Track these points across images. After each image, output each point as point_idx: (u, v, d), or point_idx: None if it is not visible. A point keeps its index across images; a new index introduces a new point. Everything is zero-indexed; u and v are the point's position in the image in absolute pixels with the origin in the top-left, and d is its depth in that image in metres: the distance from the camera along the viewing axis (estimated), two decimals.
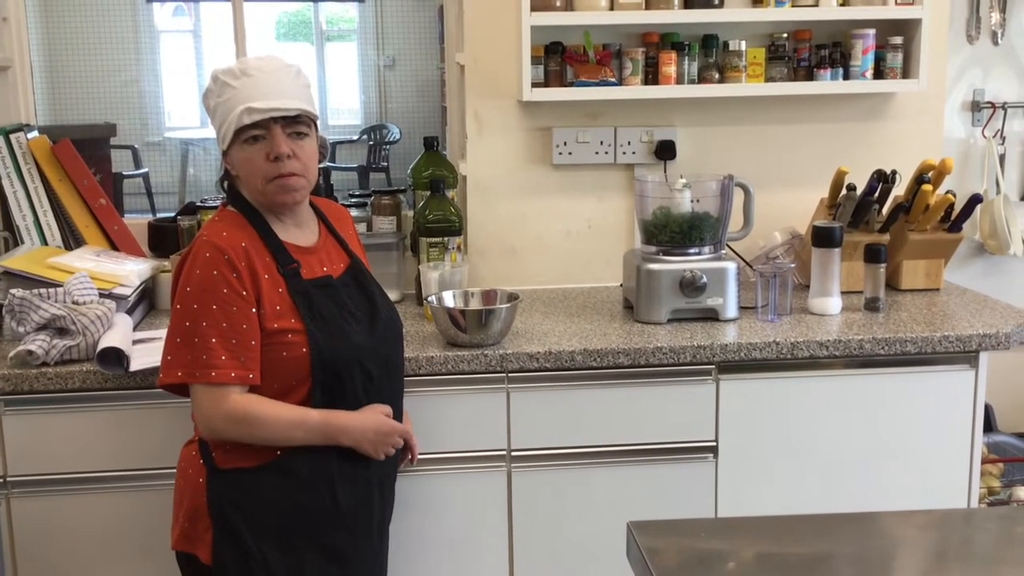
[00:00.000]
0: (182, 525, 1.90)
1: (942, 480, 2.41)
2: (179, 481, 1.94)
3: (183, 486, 1.92)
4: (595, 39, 2.70)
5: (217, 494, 1.85)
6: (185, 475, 1.91)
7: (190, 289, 1.80)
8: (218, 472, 1.86)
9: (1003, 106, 3.10)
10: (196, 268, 1.80)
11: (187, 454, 1.94)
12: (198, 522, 1.87)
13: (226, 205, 1.96)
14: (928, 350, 2.31)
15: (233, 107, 1.83)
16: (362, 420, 1.89)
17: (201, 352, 1.78)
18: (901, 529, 1.56)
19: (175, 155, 8.24)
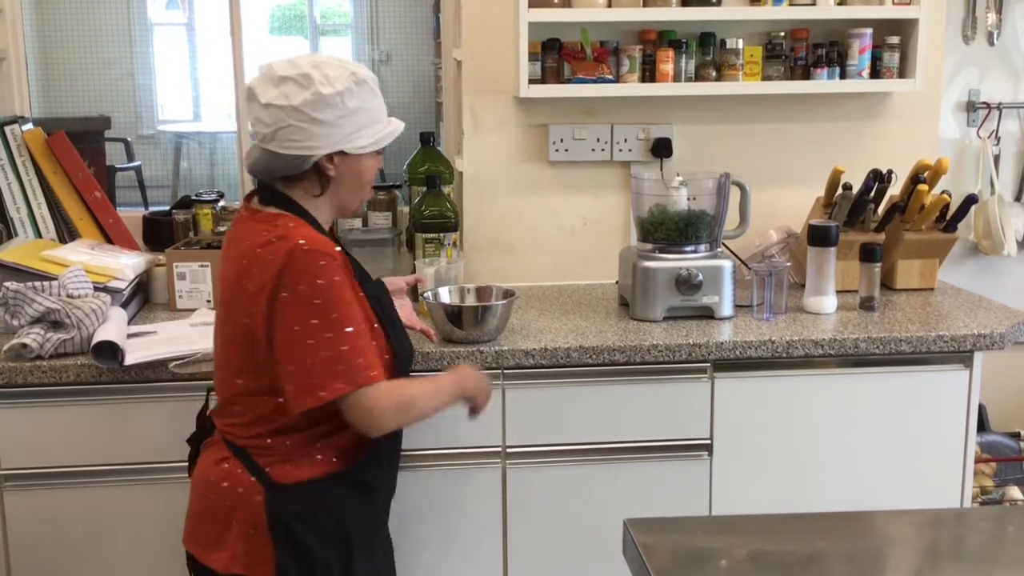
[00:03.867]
0: (233, 548, 1.81)
1: (935, 479, 2.42)
2: (221, 501, 1.82)
3: (230, 506, 1.81)
4: (592, 36, 2.70)
5: (280, 510, 1.79)
6: (232, 494, 1.81)
7: (320, 301, 1.71)
8: (279, 488, 1.80)
9: (998, 106, 3.11)
10: (318, 278, 1.71)
11: (226, 473, 1.82)
12: (256, 541, 1.80)
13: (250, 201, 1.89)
14: (923, 349, 2.32)
15: (381, 118, 1.85)
16: (470, 370, 2.00)
17: (356, 357, 1.73)
18: (894, 528, 1.56)
19: (168, 148, 8.21)
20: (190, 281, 2.53)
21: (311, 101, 1.75)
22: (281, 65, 1.78)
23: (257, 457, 1.82)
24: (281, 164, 1.80)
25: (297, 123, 1.75)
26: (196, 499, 1.90)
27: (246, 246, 1.78)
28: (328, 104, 1.76)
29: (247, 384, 1.81)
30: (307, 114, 1.75)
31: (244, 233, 1.82)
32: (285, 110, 1.75)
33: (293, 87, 1.75)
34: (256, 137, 1.82)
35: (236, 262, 1.80)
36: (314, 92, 1.75)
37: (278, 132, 1.77)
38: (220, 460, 1.84)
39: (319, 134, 1.77)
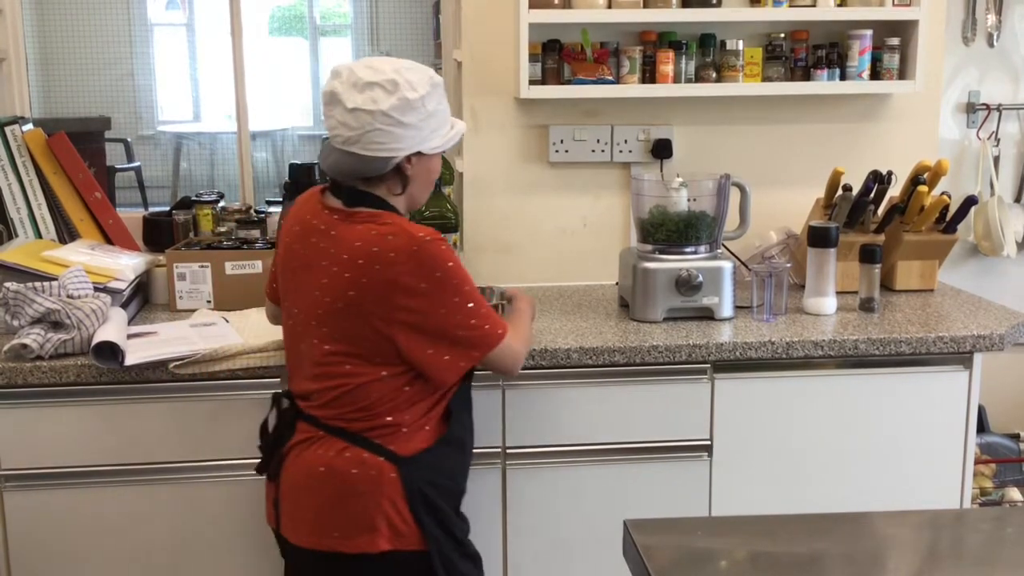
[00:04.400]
0: (382, 527, 1.87)
1: (935, 480, 2.42)
2: (357, 488, 1.86)
3: (368, 490, 1.86)
4: (593, 37, 2.70)
5: (414, 480, 1.89)
6: (366, 478, 1.86)
7: (456, 282, 1.85)
8: (407, 460, 1.89)
9: (998, 108, 3.11)
10: (447, 262, 1.84)
11: (352, 460, 1.87)
12: (399, 515, 1.88)
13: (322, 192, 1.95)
14: (922, 351, 2.32)
15: (448, 119, 1.94)
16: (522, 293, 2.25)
17: (490, 317, 1.91)
18: (893, 529, 1.56)
19: (168, 149, 8.21)
20: (190, 282, 2.53)
21: (397, 106, 1.82)
22: (362, 71, 1.83)
23: (378, 438, 1.88)
24: (364, 166, 1.86)
25: (384, 127, 1.83)
26: (319, 495, 1.89)
27: (358, 247, 1.83)
28: (412, 108, 1.84)
29: (368, 374, 1.87)
30: (394, 118, 1.82)
31: (348, 234, 1.85)
32: (373, 114, 1.82)
33: (380, 92, 1.82)
34: (337, 140, 1.86)
35: (348, 264, 1.84)
36: (400, 97, 1.82)
37: (364, 136, 1.83)
38: (340, 451, 1.88)
39: (402, 136, 1.85)
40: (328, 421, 1.90)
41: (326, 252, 1.87)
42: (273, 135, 8.28)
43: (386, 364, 1.87)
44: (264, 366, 2.18)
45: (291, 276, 1.95)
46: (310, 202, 1.97)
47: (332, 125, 1.86)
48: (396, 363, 1.87)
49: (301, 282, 1.91)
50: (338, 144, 1.86)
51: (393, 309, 1.83)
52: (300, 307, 1.92)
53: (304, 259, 1.91)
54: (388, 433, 1.89)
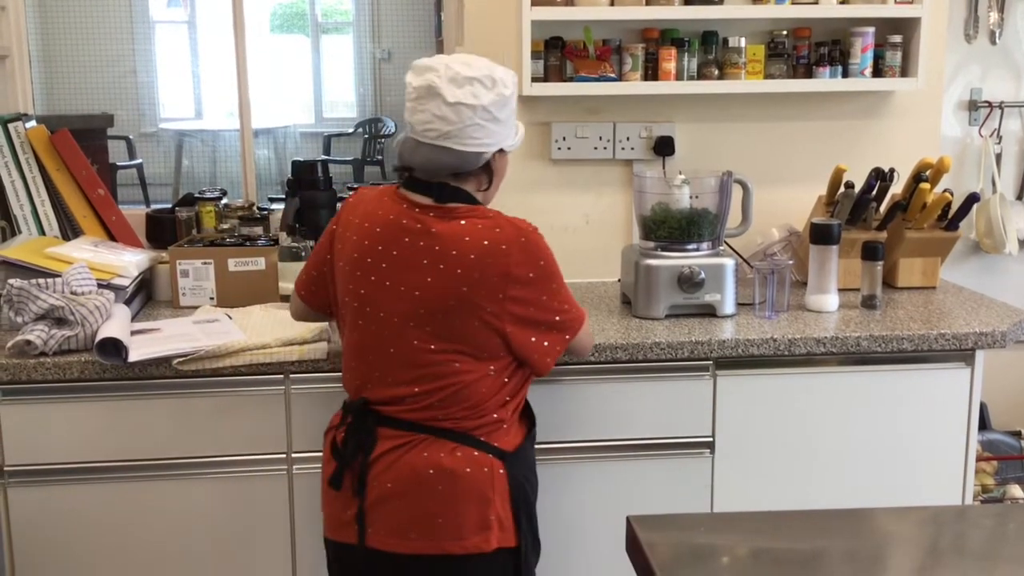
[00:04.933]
0: (494, 524, 1.88)
1: (937, 477, 2.42)
2: (471, 487, 1.86)
3: (481, 488, 1.87)
4: (595, 34, 2.71)
5: (517, 476, 1.93)
6: (479, 477, 1.87)
7: (555, 268, 1.92)
8: (511, 456, 1.92)
9: (1000, 105, 3.11)
10: (548, 249, 1.91)
11: (464, 460, 1.87)
12: (506, 511, 1.90)
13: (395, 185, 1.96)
14: (924, 348, 2.32)
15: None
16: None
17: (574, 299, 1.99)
18: (895, 525, 1.56)
19: (169, 146, 8.21)
20: (193, 278, 2.54)
21: (496, 101, 1.85)
22: (459, 66, 1.84)
23: (485, 436, 1.89)
24: (458, 161, 1.86)
25: (482, 122, 1.84)
26: (429, 498, 1.86)
27: (467, 242, 1.83)
28: (506, 104, 1.87)
29: (477, 371, 1.86)
30: (491, 113, 1.85)
31: (452, 230, 1.84)
32: (474, 109, 1.83)
33: (480, 87, 1.84)
34: (430, 135, 1.85)
35: (459, 259, 1.82)
36: (498, 93, 1.85)
37: (463, 130, 1.84)
38: (450, 451, 1.87)
39: (494, 132, 1.87)
40: (432, 423, 1.87)
41: (428, 250, 1.84)
42: (275, 132, 8.28)
43: (493, 358, 1.87)
44: (267, 363, 2.19)
45: (373, 278, 1.87)
46: (383, 201, 1.92)
47: (426, 119, 1.84)
48: (501, 356, 1.88)
49: (393, 283, 1.86)
50: (431, 139, 1.85)
51: (505, 301, 1.84)
52: (389, 309, 1.86)
53: (397, 259, 1.86)
54: (494, 430, 1.90)
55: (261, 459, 2.25)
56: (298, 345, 2.21)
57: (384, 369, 1.89)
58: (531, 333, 1.88)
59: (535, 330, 1.89)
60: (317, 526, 2.29)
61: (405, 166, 1.91)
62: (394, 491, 1.87)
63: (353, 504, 1.90)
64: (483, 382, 1.87)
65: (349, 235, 1.93)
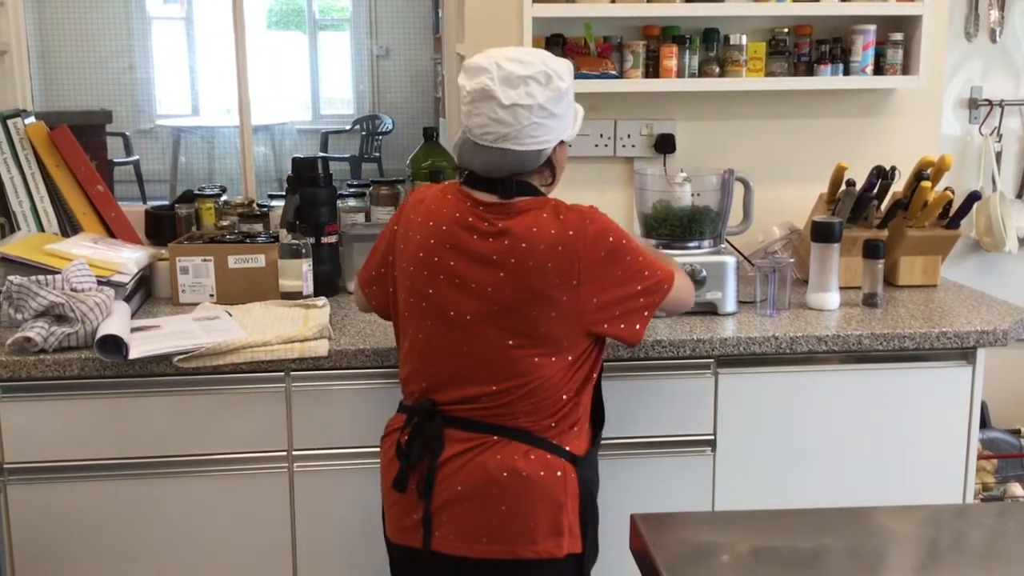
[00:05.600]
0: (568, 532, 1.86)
1: (937, 475, 2.42)
2: (546, 491, 1.83)
3: (556, 492, 1.84)
4: (596, 31, 2.70)
5: (586, 480, 1.90)
6: (553, 481, 1.83)
7: (625, 240, 1.87)
8: (581, 460, 1.89)
9: (1000, 103, 3.11)
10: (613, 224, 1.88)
11: (538, 463, 1.83)
12: (575, 515, 1.87)
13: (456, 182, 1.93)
14: (926, 346, 2.32)
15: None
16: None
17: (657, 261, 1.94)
18: (896, 524, 1.57)
19: (166, 143, 8.20)
20: (193, 275, 2.53)
21: (552, 97, 1.80)
22: (511, 64, 1.79)
23: (556, 438, 1.86)
24: (519, 161, 1.83)
25: (539, 120, 1.80)
26: (502, 502, 1.82)
27: (535, 233, 1.80)
28: (562, 98, 1.83)
29: (553, 365, 1.82)
30: (548, 110, 1.81)
31: (519, 225, 1.81)
32: (530, 109, 1.79)
33: (535, 86, 1.79)
34: (487, 138, 1.81)
35: (529, 252, 1.79)
36: (553, 88, 1.80)
37: (521, 131, 1.80)
38: (524, 454, 1.83)
39: (554, 128, 1.84)
40: (505, 422, 1.84)
41: (496, 247, 1.81)
42: (272, 129, 8.27)
43: (569, 349, 1.83)
44: (268, 360, 2.18)
45: (441, 277, 1.84)
46: (447, 199, 1.88)
47: (482, 123, 1.80)
48: (577, 346, 1.84)
49: (462, 281, 1.82)
50: (489, 142, 1.81)
51: (580, 287, 1.80)
52: (460, 308, 1.83)
53: (465, 258, 1.83)
54: (566, 431, 1.87)
55: (262, 457, 2.25)
56: (299, 342, 2.21)
57: (457, 370, 1.85)
58: (614, 308, 1.84)
59: (618, 306, 1.84)
60: (318, 524, 2.29)
61: (466, 167, 1.88)
62: (465, 494, 1.83)
63: (419, 507, 1.85)
64: (558, 376, 1.83)
65: (412, 235, 1.89)
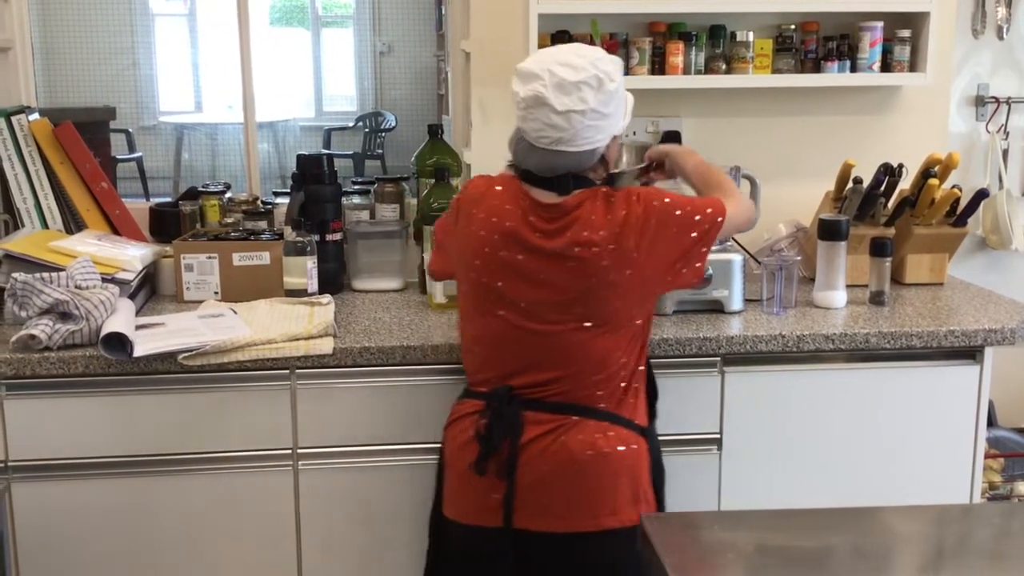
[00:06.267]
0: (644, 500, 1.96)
1: (944, 475, 2.41)
2: (624, 464, 1.93)
3: (632, 464, 1.94)
4: (602, 28, 2.69)
5: (653, 450, 2.02)
6: (631, 455, 1.94)
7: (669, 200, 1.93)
8: (647, 431, 2.01)
9: (1007, 101, 3.10)
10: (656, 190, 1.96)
11: (616, 439, 1.93)
12: (649, 484, 1.98)
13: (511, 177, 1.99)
14: (933, 344, 2.31)
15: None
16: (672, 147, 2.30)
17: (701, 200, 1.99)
18: (902, 523, 1.56)
19: (169, 140, 8.20)
20: (197, 273, 2.52)
21: (604, 100, 1.87)
22: (563, 70, 1.85)
23: (627, 413, 1.95)
24: (574, 162, 1.90)
25: (592, 123, 1.87)
26: (588, 479, 1.91)
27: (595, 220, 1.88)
28: (614, 98, 1.89)
29: (619, 342, 1.92)
30: (600, 112, 1.87)
31: (580, 217, 1.88)
32: (584, 113, 1.85)
33: (588, 90, 1.85)
34: (543, 142, 1.88)
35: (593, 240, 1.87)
36: (605, 91, 1.87)
37: (575, 135, 1.87)
38: (603, 432, 1.92)
39: (606, 127, 1.91)
40: (580, 402, 1.92)
41: (561, 241, 1.88)
42: (275, 126, 8.27)
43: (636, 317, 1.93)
44: (273, 358, 2.18)
45: (510, 271, 1.91)
46: (507, 195, 1.95)
47: (537, 128, 1.87)
48: (642, 313, 1.94)
49: (531, 273, 1.90)
50: (545, 144, 1.88)
51: (641, 257, 1.88)
52: (531, 299, 1.91)
53: (531, 253, 1.90)
54: (632, 404, 1.97)
55: (266, 455, 2.24)
56: (304, 340, 2.20)
57: (531, 356, 1.93)
58: (676, 265, 1.93)
59: (679, 261, 1.93)
60: (323, 522, 2.28)
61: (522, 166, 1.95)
62: (549, 474, 1.90)
63: (499, 488, 1.92)
64: (624, 351, 1.93)
65: (475, 230, 1.95)
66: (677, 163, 2.21)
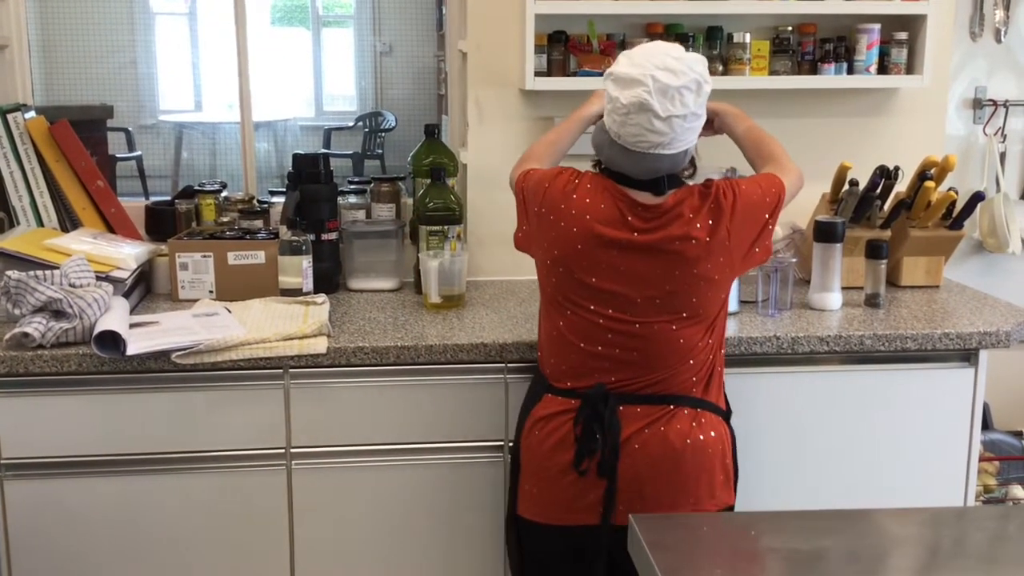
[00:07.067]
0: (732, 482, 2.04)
1: (939, 477, 2.41)
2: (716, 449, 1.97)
3: (723, 448, 1.99)
4: (599, 29, 2.69)
5: (732, 433, 2.06)
6: (721, 439, 1.99)
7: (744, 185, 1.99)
8: (729, 413, 2.07)
9: (1004, 104, 3.10)
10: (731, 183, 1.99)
11: (708, 425, 1.97)
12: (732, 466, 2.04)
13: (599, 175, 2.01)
14: (928, 347, 2.31)
15: None
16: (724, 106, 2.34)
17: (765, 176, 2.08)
18: (897, 526, 1.56)
19: (169, 138, 8.20)
20: (192, 271, 2.52)
21: (700, 102, 1.91)
22: (666, 76, 1.86)
23: (712, 397, 2.00)
24: (668, 164, 1.92)
25: (690, 125, 1.91)
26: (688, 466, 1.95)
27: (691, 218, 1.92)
28: (706, 98, 1.93)
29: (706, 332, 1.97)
30: (697, 114, 1.91)
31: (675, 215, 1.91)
32: (685, 117, 1.88)
33: (689, 95, 1.88)
34: (642, 146, 1.89)
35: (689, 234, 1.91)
36: (703, 93, 1.91)
37: (675, 139, 1.90)
38: (696, 420, 1.96)
39: (698, 127, 1.95)
40: (673, 391, 1.96)
41: (657, 241, 1.91)
42: (275, 125, 8.26)
43: (720, 304, 1.97)
44: (267, 357, 2.17)
45: (604, 269, 1.93)
46: (601, 194, 1.95)
47: (636, 132, 1.88)
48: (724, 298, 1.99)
49: (626, 271, 1.92)
50: (643, 149, 1.90)
51: (730, 246, 1.93)
52: (625, 296, 1.93)
53: (627, 251, 1.92)
54: (716, 389, 2.02)
55: (260, 454, 2.24)
56: (297, 339, 2.20)
57: (624, 351, 1.95)
58: (754, 247, 1.99)
59: (756, 243, 1.99)
60: (316, 522, 2.28)
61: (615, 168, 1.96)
62: (651, 466, 1.94)
63: (598, 486, 1.94)
64: (710, 335, 1.98)
65: (566, 225, 1.96)
66: (727, 124, 2.25)
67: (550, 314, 2.03)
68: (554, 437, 1.98)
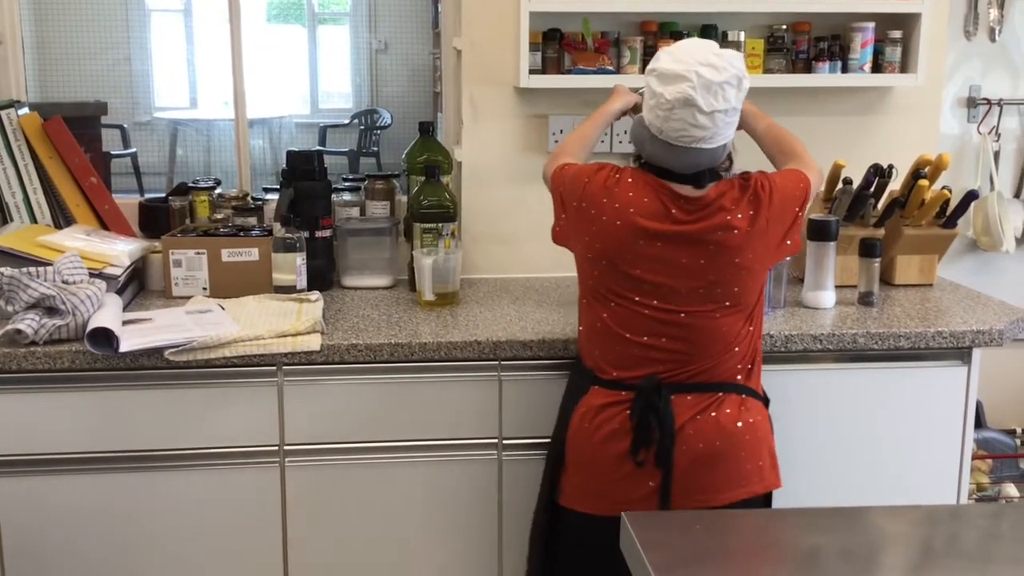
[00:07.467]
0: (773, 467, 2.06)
1: (932, 475, 2.41)
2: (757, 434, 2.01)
3: (764, 434, 2.03)
4: (594, 27, 2.69)
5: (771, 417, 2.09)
6: (764, 424, 2.03)
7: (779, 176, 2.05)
8: (767, 398, 2.10)
9: (999, 103, 3.10)
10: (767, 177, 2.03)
11: (751, 411, 2.01)
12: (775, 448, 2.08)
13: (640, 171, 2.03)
14: (921, 345, 2.31)
15: None
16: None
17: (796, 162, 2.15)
18: (890, 524, 1.56)
19: (164, 135, 8.18)
20: (186, 268, 2.52)
21: (740, 97, 1.94)
22: (709, 72, 1.89)
23: (753, 383, 2.04)
24: (709, 159, 1.96)
25: (731, 119, 1.95)
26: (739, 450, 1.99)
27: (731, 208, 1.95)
28: (745, 93, 1.96)
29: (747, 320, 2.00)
30: (736, 108, 1.95)
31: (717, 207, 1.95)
32: (727, 112, 1.92)
33: (731, 90, 1.91)
34: (684, 140, 1.93)
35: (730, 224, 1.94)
36: (743, 88, 1.94)
37: (717, 133, 1.93)
38: (739, 407, 2.00)
39: (736, 121, 1.99)
40: (720, 378, 1.99)
41: (700, 233, 1.94)
42: (270, 123, 8.25)
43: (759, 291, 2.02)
44: (260, 354, 2.17)
45: (648, 262, 1.96)
46: (645, 191, 1.98)
47: (679, 127, 1.91)
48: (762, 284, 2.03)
49: (670, 263, 1.95)
50: (685, 144, 1.93)
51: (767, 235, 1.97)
52: (670, 288, 1.96)
53: (671, 243, 1.95)
54: (757, 375, 2.05)
55: (253, 451, 2.24)
56: (291, 337, 2.20)
57: (671, 342, 1.98)
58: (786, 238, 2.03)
59: (788, 234, 2.03)
60: (309, 519, 2.28)
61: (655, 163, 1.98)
62: (705, 453, 1.97)
63: (654, 476, 1.97)
64: (750, 323, 2.01)
65: (609, 219, 1.98)
66: (747, 122, 2.25)
67: (592, 307, 2.05)
68: (605, 428, 2.00)
